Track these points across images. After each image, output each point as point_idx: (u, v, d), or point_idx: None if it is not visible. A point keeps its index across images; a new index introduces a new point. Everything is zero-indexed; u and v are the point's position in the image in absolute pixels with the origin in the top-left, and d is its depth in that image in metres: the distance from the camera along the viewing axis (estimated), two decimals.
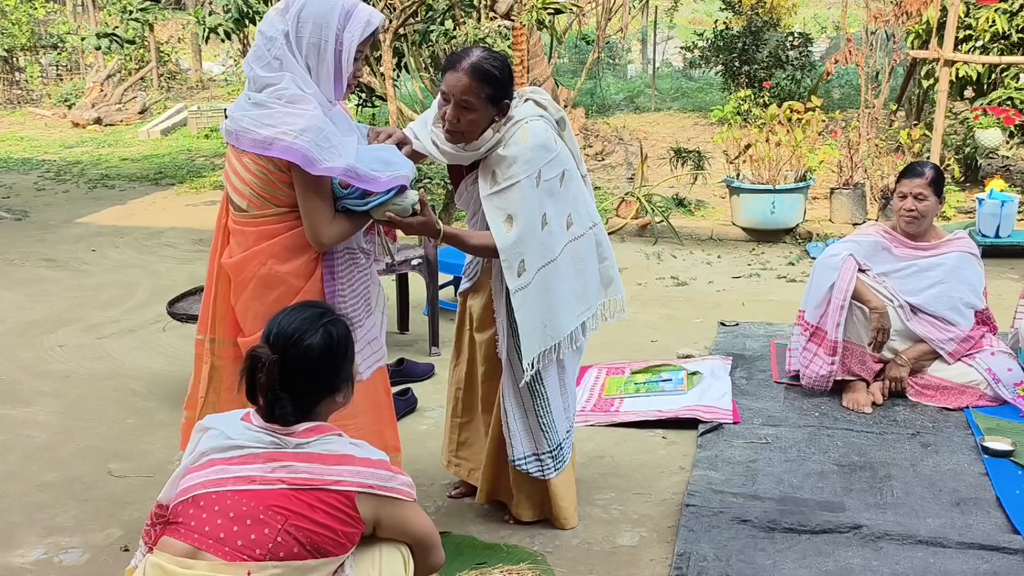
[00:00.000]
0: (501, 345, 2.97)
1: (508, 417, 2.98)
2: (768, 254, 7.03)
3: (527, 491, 3.09)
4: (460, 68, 2.73)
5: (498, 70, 2.75)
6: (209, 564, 1.92)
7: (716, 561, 2.81)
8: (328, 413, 2.15)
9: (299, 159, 2.40)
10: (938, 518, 3.04)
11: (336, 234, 2.54)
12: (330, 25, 2.48)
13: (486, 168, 2.84)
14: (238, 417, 2.13)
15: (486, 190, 2.81)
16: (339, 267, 2.63)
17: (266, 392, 2.05)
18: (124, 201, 9.48)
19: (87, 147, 13.06)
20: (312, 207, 2.50)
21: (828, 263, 4.01)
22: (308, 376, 2.07)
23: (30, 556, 3.01)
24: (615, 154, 10.24)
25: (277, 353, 2.04)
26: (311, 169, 2.41)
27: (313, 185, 2.47)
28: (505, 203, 2.79)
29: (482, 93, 2.74)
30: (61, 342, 5.17)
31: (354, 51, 2.52)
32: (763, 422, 3.84)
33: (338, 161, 2.43)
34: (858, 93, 9.18)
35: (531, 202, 2.79)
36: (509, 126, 2.82)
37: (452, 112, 2.76)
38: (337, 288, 2.61)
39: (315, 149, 2.40)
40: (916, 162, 4.17)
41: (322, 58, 2.50)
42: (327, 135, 2.43)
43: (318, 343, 2.07)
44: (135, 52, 16.02)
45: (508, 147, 2.79)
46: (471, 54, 2.76)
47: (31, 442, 3.89)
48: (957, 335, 3.97)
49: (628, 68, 16.25)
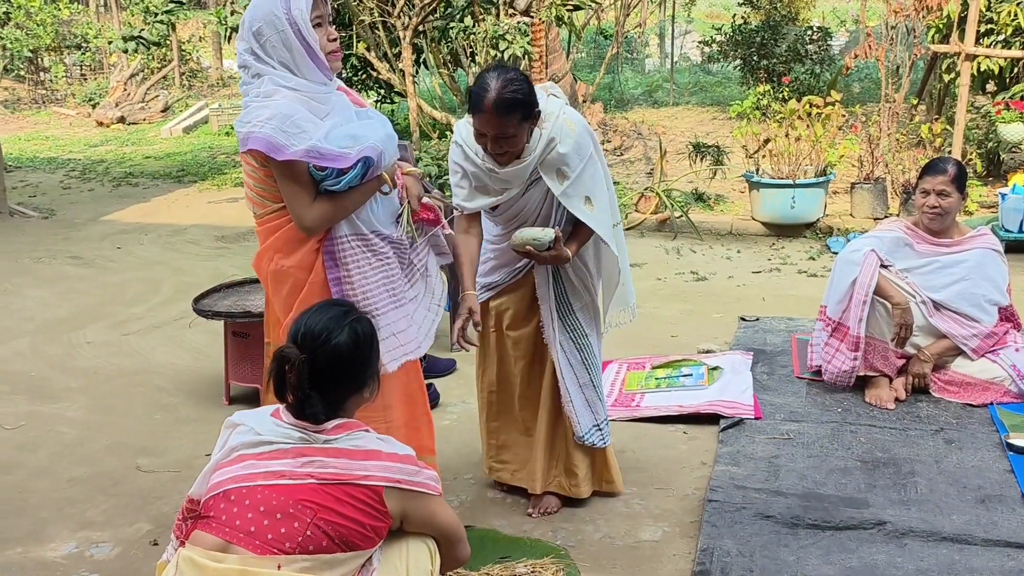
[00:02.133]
0: (548, 332, 3.12)
1: (569, 396, 3.14)
2: (788, 249, 7.01)
3: (586, 466, 3.24)
4: (485, 109, 2.77)
5: (520, 92, 2.79)
6: (240, 557, 1.96)
7: (739, 556, 2.82)
8: (355, 408, 2.19)
9: (264, 147, 2.43)
10: (963, 515, 3.04)
11: (318, 217, 2.53)
12: (277, 15, 2.49)
13: (548, 170, 2.94)
14: (267, 413, 2.17)
15: (559, 188, 2.94)
16: (344, 254, 2.61)
17: (296, 391, 2.09)
18: (148, 199, 9.57)
19: (111, 146, 13.17)
20: (289, 193, 2.52)
21: (850, 258, 4.01)
22: (336, 374, 2.11)
23: (62, 550, 3.06)
24: (634, 149, 10.23)
25: (305, 352, 2.07)
26: (276, 155, 2.44)
27: (286, 172, 2.50)
28: (581, 188, 2.96)
29: (514, 120, 2.81)
30: (88, 339, 5.24)
31: (309, 21, 2.51)
32: (785, 418, 3.84)
33: (302, 145, 2.44)
34: (878, 87, 9.11)
35: (598, 176, 3.03)
36: (550, 125, 2.90)
37: (494, 147, 2.85)
38: (343, 275, 2.60)
39: (280, 135, 2.42)
40: (939, 158, 4.14)
41: (290, 47, 2.51)
42: (295, 121, 2.45)
43: (345, 341, 2.11)
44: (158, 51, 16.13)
45: (563, 143, 2.91)
46: (488, 87, 2.76)
47: (61, 438, 3.96)
48: (980, 331, 3.95)
49: (646, 62, 16.21)
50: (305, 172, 2.51)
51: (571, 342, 3.14)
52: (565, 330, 3.13)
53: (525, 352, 3.21)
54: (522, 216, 3.05)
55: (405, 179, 2.80)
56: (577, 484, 3.23)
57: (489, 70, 2.83)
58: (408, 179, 2.80)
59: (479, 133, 2.85)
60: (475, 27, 8.17)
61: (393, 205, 2.74)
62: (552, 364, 3.16)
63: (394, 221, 2.73)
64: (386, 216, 2.71)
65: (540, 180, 2.97)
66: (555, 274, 3.10)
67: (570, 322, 3.13)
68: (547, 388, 3.20)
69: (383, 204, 2.70)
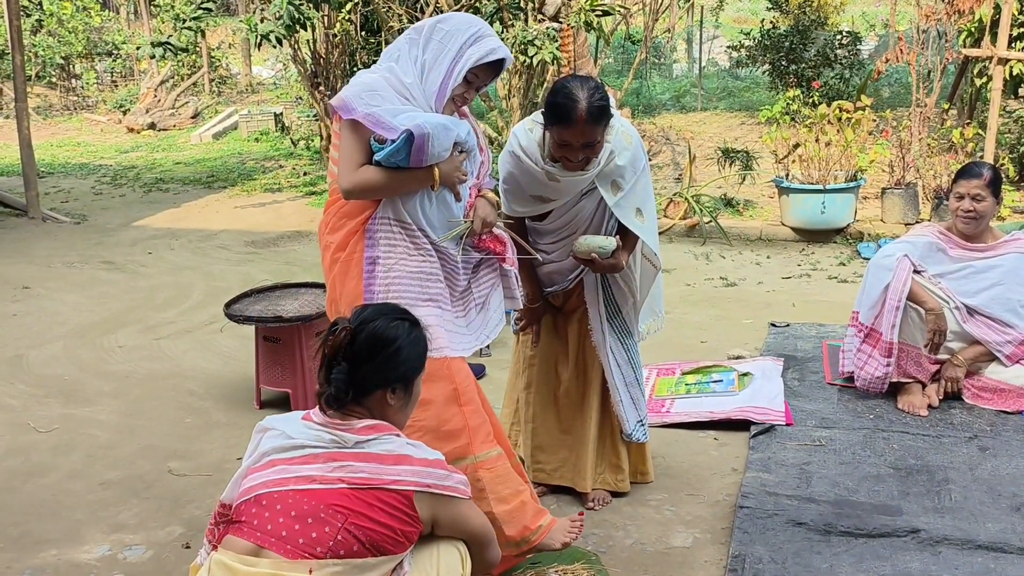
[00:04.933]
0: (597, 335, 3.25)
1: (617, 394, 3.29)
2: (818, 254, 6.96)
3: (630, 462, 3.39)
4: (578, 120, 2.80)
5: (605, 99, 2.85)
6: (272, 562, 1.97)
7: (771, 563, 2.80)
8: (381, 411, 2.18)
9: (338, 104, 2.58)
10: (998, 523, 3.00)
11: (358, 183, 2.59)
12: (458, 39, 2.61)
13: (604, 181, 3.01)
14: (298, 417, 2.18)
15: (613, 199, 3.02)
16: (380, 234, 2.65)
17: (331, 356, 2.14)
18: (178, 204, 9.68)
19: (142, 152, 13.34)
20: (344, 151, 2.61)
21: (882, 263, 3.97)
22: (369, 355, 2.14)
23: (95, 552, 3.09)
24: (662, 154, 10.21)
25: (353, 325, 2.16)
26: (343, 113, 2.57)
27: (347, 130, 2.60)
28: (633, 200, 3.07)
29: (601, 128, 2.87)
30: (120, 343, 5.30)
31: (467, 68, 2.61)
32: (816, 424, 3.81)
33: (367, 109, 2.54)
34: (908, 92, 9.03)
35: (649, 188, 3.15)
36: (611, 137, 2.96)
37: (581, 155, 2.89)
38: (377, 255, 2.64)
39: (355, 99, 2.56)
40: (973, 162, 4.10)
41: (438, 63, 2.62)
42: (377, 93, 2.57)
43: (388, 330, 2.17)
44: (187, 58, 16.31)
45: (621, 156, 2.98)
46: (577, 98, 2.79)
47: (94, 441, 4.00)
48: (1015, 337, 3.90)
49: (674, 68, 16.16)
50: (364, 138, 2.59)
51: (618, 343, 3.28)
52: (614, 331, 3.26)
53: (570, 352, 3.32)
54: (573, 225, 3.12)
55: (478, 200, 2.82)
56: (623, 479, 3.36)
57: (568, 81, 2.87)
58: (481, 200, 2.82)
59: (562, 143, 2.87)
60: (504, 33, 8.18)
61: (452, 214, 2.75)
62: (599, 364, 3.27)
63: (446, 228, 2.74)
64: (439, 220, 2.72)
65: (594, 190, 3.04)
66: (603, 278, 3.21)
67: (617, 324, 3.27)
68: (595, 388, 3.30)
69: (437, 206, 2.71)
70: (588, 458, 3.29)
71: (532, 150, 2.98)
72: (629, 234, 3.10)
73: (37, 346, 5.26)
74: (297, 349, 4.14)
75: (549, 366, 3.35)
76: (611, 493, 3.34)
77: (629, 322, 3.30)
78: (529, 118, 3.08)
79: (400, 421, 2.22)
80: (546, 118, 2.90)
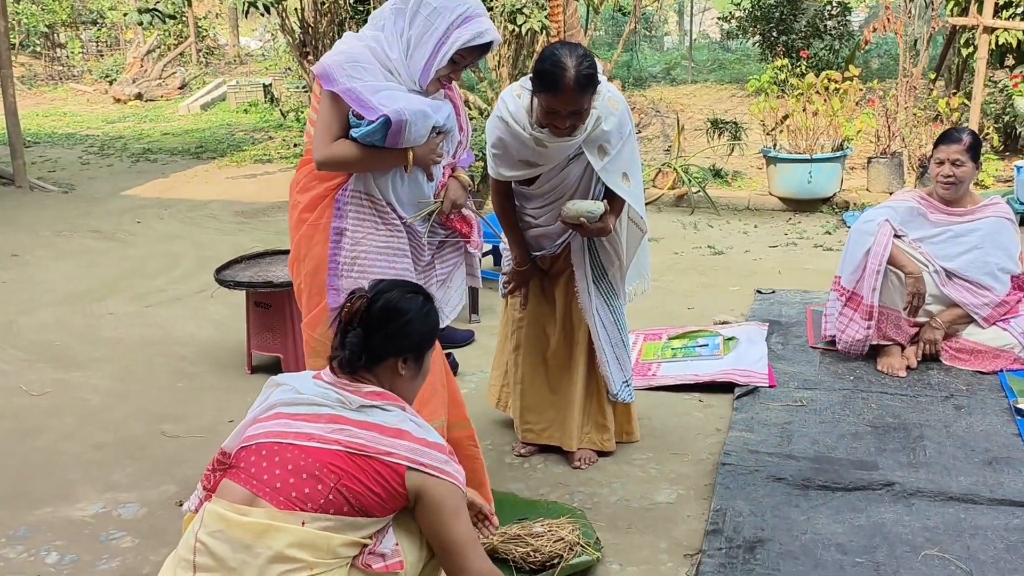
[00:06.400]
0: (584, 296, 3.29)
1: (604, 356, 3.34)
2: (805, 223, 7.02)
3: (613, 421, 3.44)
4: (566, 88, 2.81)
5: (593, 67, 2.87)
6: (266, 511, 2.02)
7: (751, 516, 2.88)
8: (391, 380, 2.22)
9: (320, 72, 2.57)
10: (970, 476, 3.08)
11: (331, 155, 2.60)
12: (446, 17, 2.57)
13: (591, 146, 3.04)
14: (310, 375, 2.25)
15: (600, 164, 3.05)
16: (349, 207, 2.68)
17: (347, 323, 2.20)
18: (167, 174, 9.66)
19: (129, 122, 13.27)
20: (321, 121, 2.62)
21: (864, 228, 4.03)
22: (384, 323, 2.20)
23: (90, 510, 3.14)
24: (652, 126, 10.23)
25: (370, 295, 2.23)
26: (324, 83, 2.56)
27: (327, 101, 2.60)
28: (620, 165, 3.09)
29: (589, 95, 2.90)
30: (111, 310, 5.33)
31: (453, 51, 2.58)
32: (798, 385, 3.89)
33: (348, 84, 2.53)
34: (896, 62, 9.06)
35: (635, 153, 3.18)
36: (598, 102, 2.98)
37: (569, 122, 2.92)
38: (344, 227, 2.67)
39: (337, 69, 2.54)
40: (953, 128, 4.16)
41: (424, 41, 2.58)
42: (360, 65, 2.55)
43: (402, 301, 2.23)
44: (174, 28, 16.18)
45: (607, 121, 3.01)
46: (565, 66, 2.80)
47: (86, 404, 4.04)
48: (992, 300, 3.98)
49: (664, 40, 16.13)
50: (343, 111, 2.59)
51: (604, 304, 3.33)
52: (600, 293, 3.31)
53: (557, 315, 3.37)
54: (560, 189, 3.16)
55: (450, 181, 2.84)
56: (609, 438, 3.43)
57: (556, 48, 2.88)
58: (453, 182, 2.85)
59: (550, 110, 2.90)
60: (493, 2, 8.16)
61: (422, 193, 2.77)
62: (585, 325, 3.32)
63: (416, 207, 2.77)
64: (408, 198, 2.75)
65: (581, 155, 3.07)
66: (590, 242, 3.25)
67: (603, 286, 3.32)
68: (581, 348, 3.36)
69: (409, 185, 2.74)
70: (575, 418, 3.36)
71: (520, 116, 3.01)
72: (616, 198, 3.14)
73: (27, 312, 5.28)
74: (288, 314, 4.18)
75: (537, 328, 3.41)
76: (597, 452, 3.41)
77: (615, 284, 3.35)
78: (517, 83, 3.10)
79: (408, 394, 2.26)
80: (534, 85, 2.92)
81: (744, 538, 2.76)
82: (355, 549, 2.05)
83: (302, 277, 2.80)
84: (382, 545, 2.08)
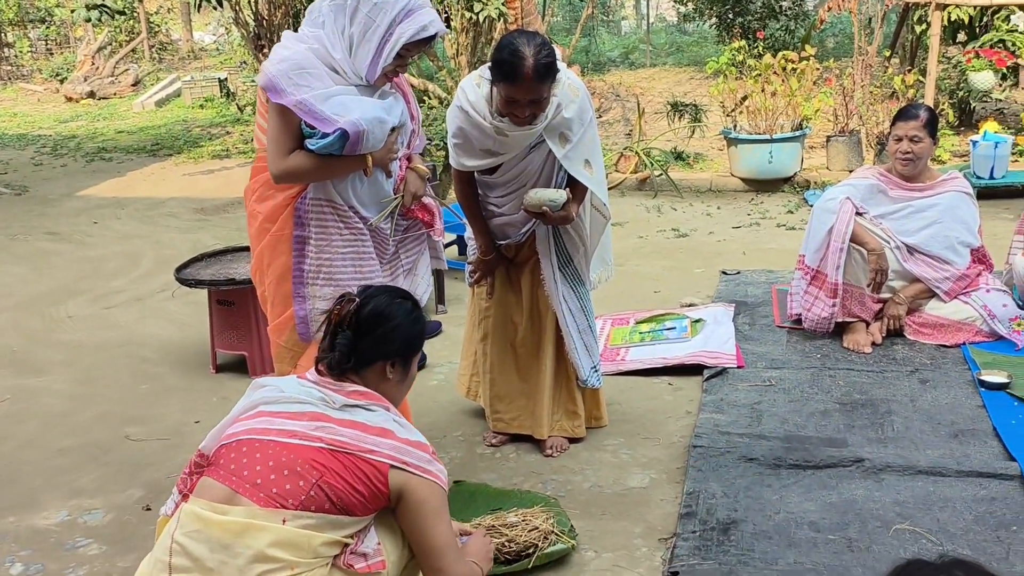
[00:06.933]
0: (549, 283, 3.28)
1: (572, 342, 3.33)
2: (767, 203, 7.06)
3: (585, 407, 3.45)
4: (525, 77, 2.80)
5: (552, 55, 2.85)
6: (245, 510, 1.97)
7: (724, 498, 2.89)
8: (378, 383, 2.21)
9: (266, 84, 2.49)
10: (937, 449, 3.12)
11: (288, 169, 2.56)
12: (388, 12, 2.51)
13: (552, 133, 3.02)
14: (294, 376, 2.24)
15: (562, 152, 3.03)
16: (310, 216, 2.64)
17: (337, 325, 2.20)
18: (123, 173, 9.49)
19: (82, 121, 13.02)
20: (272, 136, 2.56)
21: (826, 207, 4.06)
22: (373, 327, 2.20)
23: (54, 518, 3.08)
24: (612, 111, 10.22)
25: (360, 298, 2.23)
26: (272, 96, 2.49)
27: (277, 114, 2.53)
28: (582, 152, 3.08)
29: (548, 84, 2.88)
30: (70, 313, 5.23)
31: (399, 46, 2.53)
32: (767, 365, 3.91)
33: (298, 95, 2.47)
34: (851, 41, 9.14)
35: (597, 140, 3.17)
36: (558, 90, 2.96)
37: (529, 111, 2.90)
38: (306, 235, 2.64)
39: (283, 79, 2.47)
40: (910, 104, 4.21)
41: (367, 38, 2.53)
42: (306, 72, 2.48)
43: (392, 306, 2.23)
44: (125, 24, 15.88)
45: (568, 108, 2.99)
46: (523, 55, 2.78)
47: (48, 409, 3.96)
48: (953, 274, 4.03)
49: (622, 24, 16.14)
50: (294, 122, 2.53)
51: (571, 291, 3.32)
52: (566, 280, 3.30)
53: (524, 302, 3.36)
54: (523, 178, 3.14)
55: (408, 173, 2.81)
56: (580, 425, 3.43)
57: (514, 37, 2.85)
58: (411, 174, 2.82)
59: (509, 100, 2.88)
60: None
61: (383, 191, 2.74)
62: (552, 313, 3.31)
63: (378, 206, 2.74)
64: (370, 198, 2.72)
65: (542, 143, 3.06)
66: (554, 229, 3.24)
67: (569, 272, 3.31)
68: (549, 336, 3.35)
69: (369, 185, 2.70)
70: (544, 405, 3.35)
71: (480, 105, 2.99)
72: (578, 185, 3.13)
73: None
74: (251, 311, 4.12)
75: (505, 317, 3.39)
76: (568, 439, 3.40)
77: (581, 271, 3.34)
78: (476, 72, 3.08)
79: (395, 397, 2.25)
80: (493, 75, 2.89)
81: (718, 520, 2.77)
82: (336, 548, 2.03)
83: (266, 285, 2.77)
84: (364, 545, 2.06)
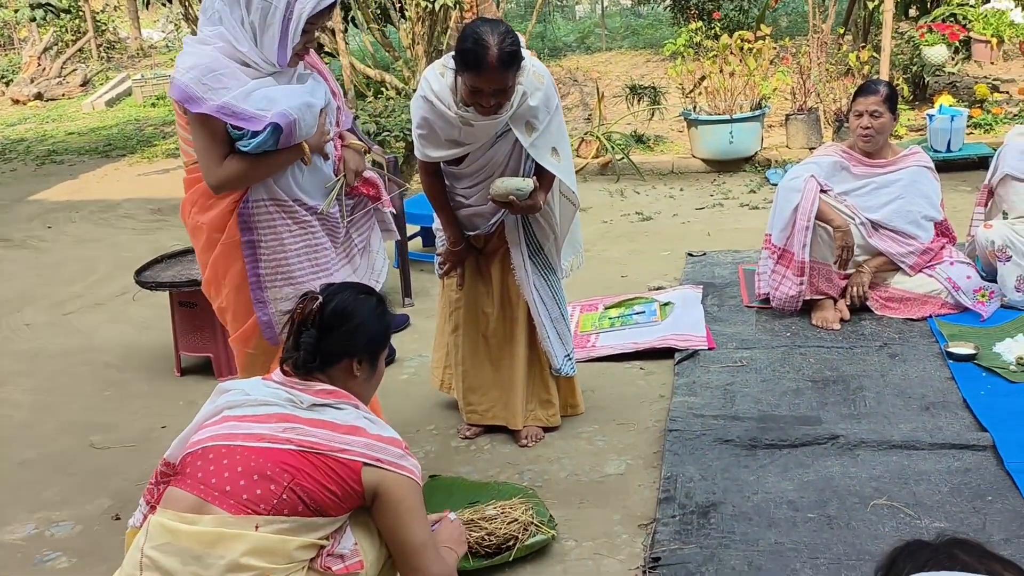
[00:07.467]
0: (520, 273, 3.25)
1: (544, 331, 3.30)
2: (729, 183, 7.09)
3: (557, 395, 3.42)
4: (490, 66, 2.76)
5: (516, 43, 2.82)
6: (216, 518, 1.93)
7: (702, 481, 2.89)
8: (345, 381, 2.17)
9: (180, 96, 2.41)
10: (910, 423, 3.15)
11: (226, 177, 2.49)
12: None
13: (518, 122, 2.98)
14: (258, 379, 2.19)
15: (528, 140, 3.00)
16: (258, 218, 2.58)
17: (301, 324, 2.17)
18: (75, 175, 9.29)
19: (30, 124, 12.73)
20: (200, 147, 2.49)
21: (791, 185, 4.07)
22: (338, 323, 2.17)
23: (21, 532, 3.01)
24: (570, 96, 10.20)
25: (323, 296, 2.19)
26: (190, 107, 2.41)
27: (199, 124, 2.46)
28: (548, 140, 3.06)
29: (513, 73, 2.84)
30: (27, 321, 5.11)
31: (303, 23, 2.47)
32: (737, 346, 3.92)
33: (217, 100, 2.39)
34: (805, 19, 9.19)
35: (563, 127, 3.15)
36: (523, 78, 2.93)
37: (494, 100, 2.87)
38: (256, 239, 2.58)
39: (197, 86, 2.39)
40: (870, 80, 4.22)
41: (268, 22, 2.45)
42: (218, 74, 2.41)
43: (356, 302, 2.20)
44: (71, 23, 15.54)
45: (533, 96, 2.96)
46: (487, 44, 2.74)
47: (8, 421, 3.87)
48: (917, 248, 4.06)
49: (576, 9, 16.10)
50: (220, 128, 2.46)
51: (542, 279, 3.29)
52: (536, 269, 3.28)
53: (494, 292, 3.32)
54: (490, 167, 3.11)
55: (345, 152, 2.74)
56: (554, 413, 3.41)
57: (478, 26, 2.81)
58: (348, 152, 2.75)
59: (474, 90, 2.84)
60: None
61: (324, 176, 2.68)
62: (523, 302, 3.28)
63: (324, 192, 2.68)
64: (313, 186, 2.65)
65: (508, 132, 3.02)
66: (523, 218, 3.20)
67: (539, 261, 3.29)
68: (521, 326, 3.32)
69: (310, 173, 2.64)
70: (518, 396, 3.32)
71: (444, 95, 2.94)
72: (545, 173, 3.10)
73: None
74: (215, 313, 4.03)
75: (475, 308, 3.36)
76: (543, 428, 3.38)
77: (551, 259, 3.31)
78: (439, 62, 3.03)
79: (364, 394, 2.21)
80: (457, 64, 2.86)
81: (697, 503, 2.76)
82: (312, 551, 1.99)
83: (223, 297, 2.71)
84: (340, 546, 2.02)
